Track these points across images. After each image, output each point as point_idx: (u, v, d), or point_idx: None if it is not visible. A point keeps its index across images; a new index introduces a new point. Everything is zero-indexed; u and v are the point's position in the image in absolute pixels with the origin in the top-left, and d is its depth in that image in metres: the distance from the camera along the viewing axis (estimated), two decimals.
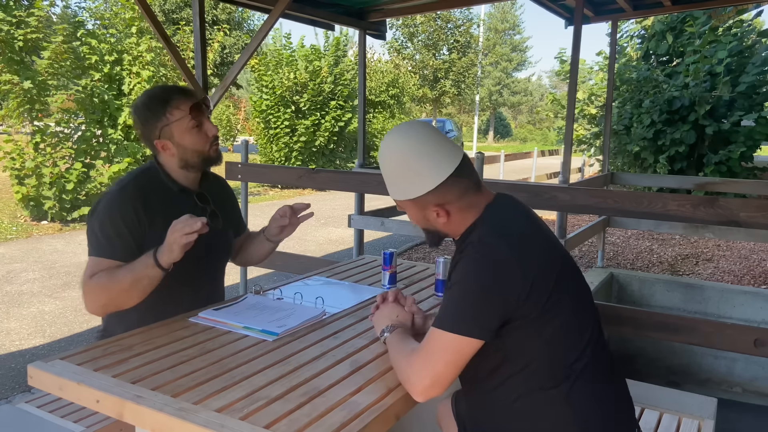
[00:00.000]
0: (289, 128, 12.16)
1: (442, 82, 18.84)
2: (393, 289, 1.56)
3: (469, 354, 1.16)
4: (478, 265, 1.16)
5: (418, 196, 1.26)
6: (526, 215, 1.28)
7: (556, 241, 1.29)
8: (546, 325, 1.17)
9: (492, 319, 1.14)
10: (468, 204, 1.26)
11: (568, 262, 1.27)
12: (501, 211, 1.26)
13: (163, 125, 1.64)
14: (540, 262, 1.17)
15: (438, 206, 1.26)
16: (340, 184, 3.56)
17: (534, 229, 1.25)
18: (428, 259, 6.34)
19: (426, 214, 1.29)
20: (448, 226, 1.29)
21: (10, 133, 7.81)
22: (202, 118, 1.68)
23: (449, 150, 1.25)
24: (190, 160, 1.68)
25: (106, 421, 1.74)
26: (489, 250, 1.17)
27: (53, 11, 9.02)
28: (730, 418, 3.27)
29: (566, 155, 3.63)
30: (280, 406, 1.12)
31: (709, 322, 2.37)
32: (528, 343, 1.18)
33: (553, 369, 1.17)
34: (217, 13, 19.05)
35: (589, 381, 1.19)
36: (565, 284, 1.21)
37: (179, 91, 1.69)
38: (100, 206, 1.61)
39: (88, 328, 4.09)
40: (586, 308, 1.26)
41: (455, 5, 5.28)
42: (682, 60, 8.86)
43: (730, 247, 6.68)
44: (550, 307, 1.16)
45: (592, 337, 1.23)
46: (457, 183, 1.24)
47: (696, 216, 2.28)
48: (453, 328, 1.14)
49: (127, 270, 1.51)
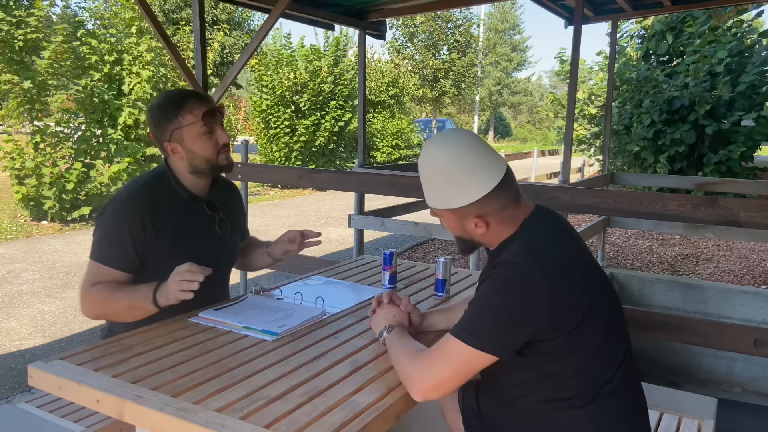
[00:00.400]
0: (289, 128, 12.16)
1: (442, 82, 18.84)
2: (387, 291, 1.57)
3: (480, 367, 1.15)
4: (507, 285, 1.14)
5: (459, 207, 1.23)
6: (563, 234, 1.25)
7: (593, 263, 1.25)
8: (575, 349, 1.15)
9: (511, 341, 1.13)
10: (508, 217, 1.24)
11: (603, 284, 1.24)
12: (538, 229, 1.24)
13: (174, 128, 1.63)
14: (573, 289, 1.15)
15: (478, 217, 1.23)
16: (340, 184, 3.56)
17: (571, 251, 1.22)
18: (428, 259, 6.34)
19: (464, 224, 1.27)
20: (484, 237, 1.27)
21: (10, 133, 7.81)
22: (214, 125, 1.67)
23: (494, 161, 1.23)
24: (198, 165, 1.67)
25: (106, 421, 1.74)
26: (520, 271, 1.14)
27: (53, 11, 9.01)
28: (730, 418, 3.26)
29: (566, 155, 3.62)
30: (280, 406, 1.12)
31: (709, 322, 2.37)
32: (554, 365, 1.16)
33: (581, 389, 1.16)
34: (217, 13, 19.04)
35: (616, 405, 1.18)
36: (599, 309, 1.19)
37: (195, 96, 1.68)
38: (109, 210, 1.61)
39: (88, 328, 4.09)
40: (618, 332, 1.24)
41: (455, 5, 5.28)
42: (682, 60, 8.87)
43: (730, 247, 6.68)
44: (579, 332, 1.15)
45: (624, 361, 1.22)
46: (499, 196, 1.22)
47: (696, 216, 2.28)
48: (468, 339, 1.13)
49: (126, 295, 1.54)
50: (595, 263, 1.26)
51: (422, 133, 17.70)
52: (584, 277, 1.19)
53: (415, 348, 1.26)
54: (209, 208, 1.76)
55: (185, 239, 1.66)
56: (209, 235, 1.74)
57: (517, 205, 1.25)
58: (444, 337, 1.18)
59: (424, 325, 1.53)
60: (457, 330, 1.15)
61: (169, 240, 1.63)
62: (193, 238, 1.68)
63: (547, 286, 1.11)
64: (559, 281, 1.13)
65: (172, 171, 1.70)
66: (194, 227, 1.71)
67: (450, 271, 1.91)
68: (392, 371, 1.29)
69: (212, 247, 1.75)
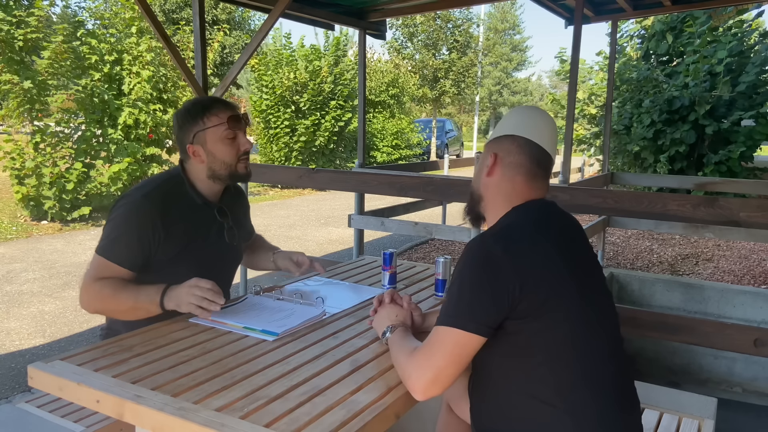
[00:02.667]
0: (289, 128, 12.16)
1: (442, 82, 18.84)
2: (388, 291, 1.56)
3: (469, 351, 1.15)
4: (471, 261, 1.18)
5: (494, 138, 1.32)
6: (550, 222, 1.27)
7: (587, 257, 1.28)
8: (545, 336, 1.15)
9: (487, 315, 1.14)
10: (510, 180, 1.29)
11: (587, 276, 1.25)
12: (518, 215, 1.27)
13: (198, 130, 1.65)
14: (542, 267, 1.16)
15: (493, 155, 1.30)
16: (340, 184, 3.56)
17: (552, 237, 1.23)
18: (428, 259, 6.34)
19: (485, 160, 1.33)
20: (485, 184, 1.32)
21: (10, 133, 7.80)
22: (238, 130, 1.69)
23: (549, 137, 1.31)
24: (217, 170, 1.68)
25: (106, 421, 1.74)
26: (483, 246, 1.18)
27: (53, 11, 9.02)
28: (730, 418, 3.26)
29: (566, 155, 3.63)
30: (280, 405, 1.12)
31: (709, 322, 2.37)
32: (528, 351, 1.16)
33: (556, 382, 1.15)
34: (217, 13, 19.04)
35: (597, 404, 1.17)
36: (581, 302, 1.19)
37: (223, 102, 1.71)
38: (121, 207, 1.61)
39: (88, 328, 4.09)
40: (601, 326, 1.23)
41: (455, 5, 5.28)
42: (682, 60, 8.87)
43: (730, 247, 6.68)
44: (549, 318, 1.14)
45: (611, 361, 1.21)
46: (523, 150, 1.28)
47: (696, 216, 2.28)
48: (449, 322, 1.15)
49: (130, 295, 1.54)
50: (585, 256, 1.28)
51: (422, 133, 17.70)
52: (555, 263, 1.19)
53: (414, 347, 1.25)
54: (220, 215, 1.77)
55: (193, 244, 1.67)
56: (217, 242, 1.75)
57: (526, 180, 1.29)
58: (432, 330, 1.19)
59: (424, 326, 1.53)
60: (440, 317, 1.18)
61: (178, 243, 1.63)
62: (200, 243, 1.69)
63: (510, 261, 1.14)
64: (523, 257, 1.16)
65: (188, 175, 1.72)
66: (203, 233, 1.72)
67: (450, 271, 1.91)
68: (392, 371, 1.29)
69: (218, 254, 1.76)
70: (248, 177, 1.75)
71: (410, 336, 1.35)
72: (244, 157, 1.71)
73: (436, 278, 1.90)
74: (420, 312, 1.53)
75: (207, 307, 1.47)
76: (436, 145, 19.35)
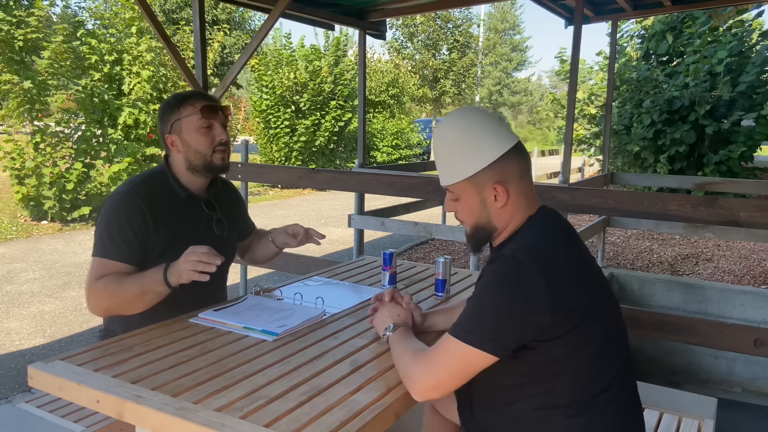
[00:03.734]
0: (289, 128, 12.16)
1: (442, 82, 18.85)
2: (389, 289, 1.56)
3: (479, 367, 1.13)
4: (506, 282, 1.11)
5: (478, 172, 1.19)
6: (565, 235, 1.22)
7: (594, 268, 1.23)
8: (573, 354, 1.12)
9: (509, 338, 1.10)
10: (526, 190, 1.22)
11: (603, 290, 1.21)
12: (539, 227, 1.21)
13: (175, 119, 1.67)
14: (571, 289, 1.12)
15: (498, 183, 1.19)
16: (340, 184, 3.56)
17: (571, 252, 1.19)
18: (428, 259, 6.33)
19: (484, 197, 1.21)
20: (503, 214, 1.21)
21: (10, 133, 7.81)
22: (213, 120, 1.69)
23: (506, 129, 1.22)
24: (193, 160, 1.68)
25: (106, 421, 1.74)
26: (518, 267, 1.11)
27: (53, 11, 9.02)
28: (730, 418, 3.26)
29: (566, 155, 3.63)
30: (280, 405, 1.12)
31: (709, 322, 2.37)
32: (551, 369, 1.13)
33: (576, 397, 1.13)
34: (217, 13, 19.04)
35: (612, 415, 1.15)
36: (597, 315, 1.15)
37: (201, 95, 1.72)
38: (107, 206, 1.61)
39: (88, 328, 4.09)
40: (617, 340, 1.21)
41: (455, 5, 5.28)
42: (682, 60, 8.87)
43: (730, 247, 6.68)
44: (577, 336, 1.11)
45: (621, 370, 1.19)
46: (517, 159, 1.21)
47: (696, 216, 2.28)
48: (466, 338, 1.11)
49: (134, 281, 1.52)
50: (596, 268, 1.23)
51: (422, 133, 17.71)
52: (583, 280, 1.17)
53: (417, 348, 1.25)
54: (207, 208, 1.77)
55: (182, 237, 1.66)
56: (207, 235, 1.74)
57: (531, 185, 1.24)
58: (443, 336, 1.17)
59: (424, 326, 1.52)
60: (456, 329, 1.14)
61: (166, 237, 1.63)
62: (190, 235, 1.68)
63: (545, 284, 1.08)
64: (558, 280, 1.10)
65: (171, 169, 1.72)
66: (191, 225, 1.72)
67: (450, 271, 1.91)
68: (392, 370, 1.29)
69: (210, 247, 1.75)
70: (225, 169, 1.74)
71: (412, 336, 1.34)
72: (220, 148, 1.70)
73: (436, 278, 1.90)
74: (420, 312, 1.52)
75: (204, 269, 1.44)
76: None
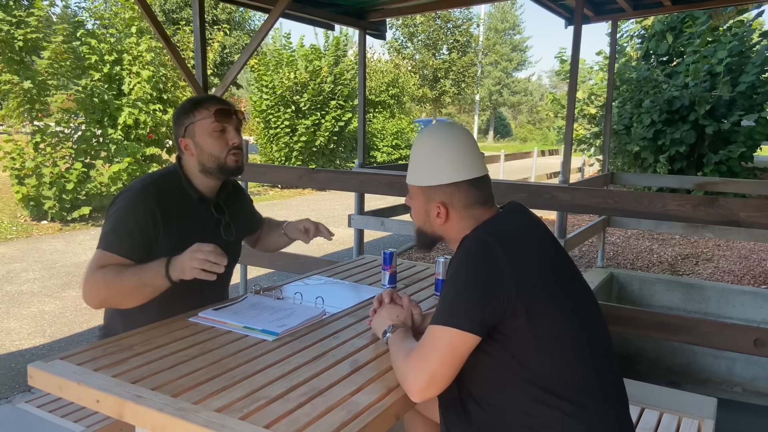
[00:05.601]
0: (289, 128, 12.16)
1: (442, 81, 18.84)
2: (387, 290, 1.56)
3: (464, 350, 1.14)
4: (468, 259, 1.18)
5: (429, 186, 1.29)
6: (531, 224, 1.29)
7: (566, 259, 1.28)
8: (544, 339, 1.14)
9: (484, 315, 1.13)
10: (470, 215, 1.29)
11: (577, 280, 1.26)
12: (503, 218, 1.28)
13: (189, 123, 1.68)
14: (537, 266, 1.18)
15: (441, 204, 1.29)
16: (340, 184, 3.56)
17: (538, 237, 1.26)
18: (428, 259, 6.34)
19: (428, 209, 1.32)
20: (443, 229, 1.32)
21: (10, 133, 7.81)
22: (227, 124, 1.70)
23: (477, 161, 1.30)
24: (207, 164, 1.69)
25: (106, 421, 1.74)
26: (481, 245, 1.17)
27: (53, 11, 9.02)
28: (730, 418, 3.26)
29: (566, 155, 3.63)
30: (280, 406, 1.12)
31: (709, 322, 2.37)
32: (526, 353, 1.15)
33: (560, 390, 1.14)
34: (217, 13, 19.04)
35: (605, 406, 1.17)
36: (572, 303, 1.20)
37: (215, 98, 1.74)
38: (119, 202, 1.62)
39: (88, 328, 4.09)
40: (600, 333, 1.24)
41: (455, 5, 5.28)
42: (682, 60, 8.87)
43: (730, 247, 6.68)
44: (554, 318, 1.15)
45: (608, 362, 1.21)
46: (469, 191, 1.28)
47: (696, 216, 2.28)
48: (444, 321, 1.14)
49: (134, 273, 1.52)
50: (569, 261, 1.29)
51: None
52: (548, 264, 1.22)
53: (412, 349, 1.24)
54: (216, 211, 1.78)
55: (190, 239, 1.65)
56: (214, 238, 1.74)
57: (483, 206, 1.30)
58: (427, 329, 1.18)
59: (424, 326, 1.52)
60: (436, 316, 1.17)
61: (174, 238, 1.63)
62: (197, 238, 1.68)
63: (508, 258, 1.14)
64: (520, 254, 1.16)
65: (184, 170, 1.73)
66: (200, 228, 1.72)
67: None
68: (392, 371, 1.29)
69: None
70: (239, 171, 1.75)
71: (410, 337, 1.34)
72: (234, 151, 1.71)
73: (436, 278, 1.90)
74: (420, 311, 1.52)
75: (210, 269, 1.45)
76: None
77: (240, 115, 1.74)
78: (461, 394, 1.26)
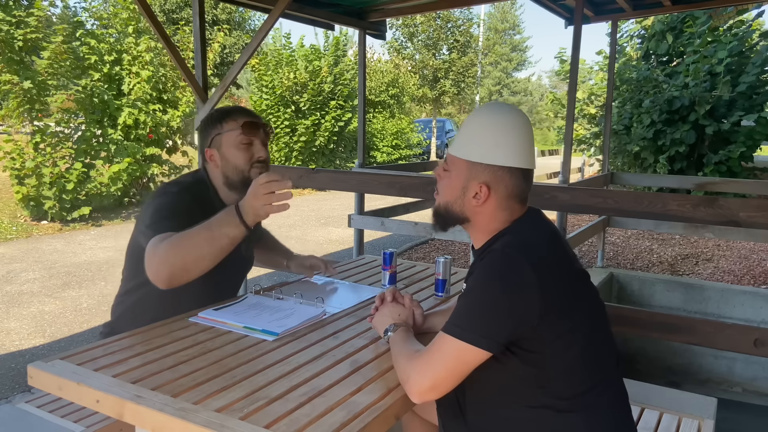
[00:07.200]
0: (289, 128, 12.17)
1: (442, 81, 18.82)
2: (390, 289, 1.56)
3: (474, 364, 1.12)
4: (495, 275, 1.12)
5: (480, 163, 1.21)
6: (552, 235, 1.25)
7: (580, 268, 1.25)
8: (565, 350, 1.13)
9: (502, 332, 1.10)
10: (507, 206, 1.24)
11: (590, 288, 1.24)
12: (527, 227, 1.24)
13: (216, 133, 1.68)
14: (560, 284, 1.15)
15: (485, 185, 1.21)
16: (340, 184, 3.56)
17: (560, 250, 1.22)
18: (428, 259, 6.34)
19: (467, 186, 1.23)
20: (475, 211, 1.24)
21: (10, 133, 7.81)
22: (254, 137, 1.68)
23: (532, 154, 1.25)
24: (230, 176, 1.68)
25: (106, 421, 1.74)
26: (508, 261, 1.12)
27: (53, 11, 9.01)
28: (730, 418, 3.26)
29: (566, 155, 3.62)
30: (280, 406, 1.11)
31: (709, 322, 2.37)
32: (545, 366, 1.14)
33: (567, 395, 1.14)
34: (217, 13, 19.03)
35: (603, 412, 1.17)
36: (586, 311, 1.19)
37: (244, 110, 1.72)
38: (161, 196, 1.61)
39: (89, 328, 4.09)
40: (605, 337, 1.23)
41: (455, 5, 5.28)
42: (682, 60, 8.87)
43: (730, 247, 6.68)
44: (569, 331, 1.14)
45: (610, 367, 1.21)
46: (517, 181, 1.22)
47: (696, 216, 2.28)
48: (458, 334, 1.11)
49: (202, 227, 1.42)
50: (583, 269, 1.26)
51: (422, 133, 17.70)
52: (571, 277, 1.19)
53: (415, 349, 1.24)
54: None
55: None
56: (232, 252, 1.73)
57: (520, 203, 1.26)
58: (437, 335, 1.16)
59: (425, 326, 1.51)
60: (449, 326, 1.14)
61: None
62: None
63: (535, 276, 1.09)
64: (548, 273, 1.12)
65: (211, 181, 1.73)
66: None
67: (450, 271, 1.91)
68: (392, 371, 1.29)
69: (232, 264, 1.71)
70: None
71: (412, 337, 1.34)
72: (258, 165, 1.69)
73: (436, 278, 1.90)
74: (421, 311, 1.52)
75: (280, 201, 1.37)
76: (436, 145, 19.37)
77: (267, 129, 1.73)
78: (457, 396, 1.26)
